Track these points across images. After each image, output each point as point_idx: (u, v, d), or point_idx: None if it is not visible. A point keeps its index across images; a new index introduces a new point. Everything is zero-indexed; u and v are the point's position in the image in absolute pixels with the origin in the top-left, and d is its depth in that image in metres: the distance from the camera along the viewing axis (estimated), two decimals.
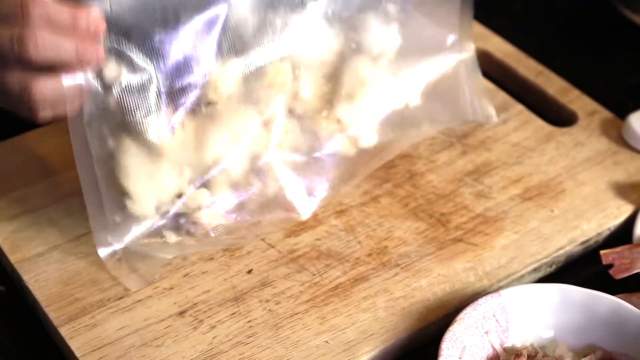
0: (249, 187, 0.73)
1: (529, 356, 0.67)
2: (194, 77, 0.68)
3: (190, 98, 0.68)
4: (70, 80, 0.64)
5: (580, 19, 1.03)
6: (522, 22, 1.03)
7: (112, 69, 0.66)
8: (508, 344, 0.69)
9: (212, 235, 0.73)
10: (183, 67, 0.68)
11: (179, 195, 0.71)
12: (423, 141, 0.85)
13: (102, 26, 0.63)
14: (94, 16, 0.63)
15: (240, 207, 0.73)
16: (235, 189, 0.73)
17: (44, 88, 0.63)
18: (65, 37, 0.62)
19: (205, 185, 0.72)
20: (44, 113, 0.64)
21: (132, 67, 0.66)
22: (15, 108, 0.65)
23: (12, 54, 0.61)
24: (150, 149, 0.69)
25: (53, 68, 0.63)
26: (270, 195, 0.74)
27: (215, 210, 0.73)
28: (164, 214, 0.72)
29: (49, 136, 0.84)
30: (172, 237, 0.73)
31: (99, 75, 0.65)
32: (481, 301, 0.68)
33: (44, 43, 0.61)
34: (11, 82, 0.63)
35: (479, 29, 0.97)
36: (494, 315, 0.68)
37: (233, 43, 0.69)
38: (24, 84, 0.62)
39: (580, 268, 0.77)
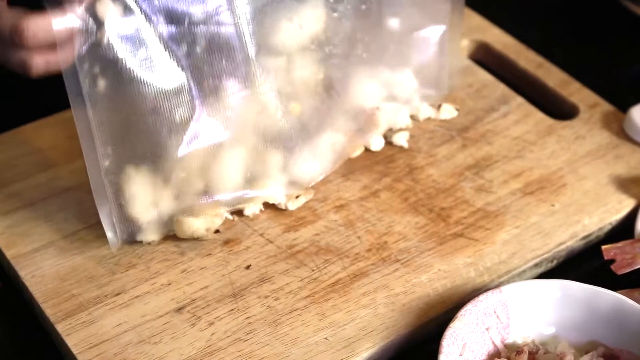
0: None
1: (530, 353, 0.67)
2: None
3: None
4: (62, 20, 0.62)
5: (581, 10, 1.02)
6: (523, 14, 1.02)
7: (104, 4, 0.64)
8: (509, 341, 0.68)
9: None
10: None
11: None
12: (422, 135, 0.85)
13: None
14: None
15: None
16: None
17: (36, 26, 0.61)
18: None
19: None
20: (37, 60, 0.62)
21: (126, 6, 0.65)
22: (7, 57, 0.63)
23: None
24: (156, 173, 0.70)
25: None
26: None
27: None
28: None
29: (45, 129, 0.83)
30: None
31: (91, 11, 0.64)
32: (482, 297, 0.68)
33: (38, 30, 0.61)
34: (1, 23, 0.61)
35: (478, 20, 0.96)
36: (495, 312, 0.68)
37: None
38: (14, 24, 0.61)
39: (582, 263, 0.76)
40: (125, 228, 0.72)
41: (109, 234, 0.71)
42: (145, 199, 0.71)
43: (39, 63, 0.63)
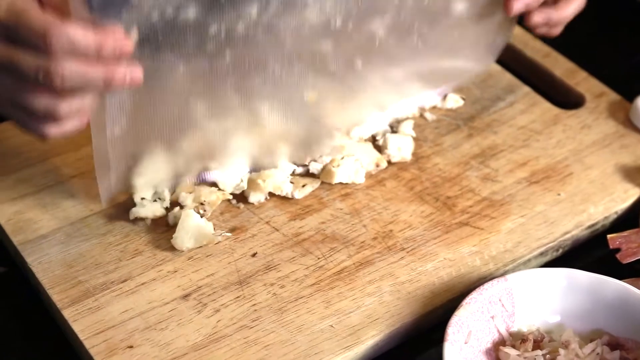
0: None
1: (535, 341, 0.67)
2: None
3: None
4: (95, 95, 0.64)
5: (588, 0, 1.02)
6: None
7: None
8: (514, 329, 0.68)
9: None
10: None
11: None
12: (428, 124, 0.85)
13: (129, 47, 0.61)
14: (119, 38, 0.61)
15: None
16: None
17: (70, 108, 0.62)
18: (92, 65, 0.60)
19: None
20: (59, 132, 0.64)
21: None
22: (30, 127, 0.64)
23: (38, 82, 0.60)
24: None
25: (80, 89, 0.62)
26: None
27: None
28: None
29: None
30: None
31: None
32: (487, 286, 0.68)
33: (70, 74, 0.60)
34: (36, 104, 0.62)
35: None
36: (500, 300, 0.68)
37: None
38: (50, 107, 0.62)
39: (587, 252, 0.76)
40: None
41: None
42: (151, 171, 0.71)
43: (58, 134, 0.64)
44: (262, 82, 0.71)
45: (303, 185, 0.78)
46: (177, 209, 0.75)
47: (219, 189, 0.76)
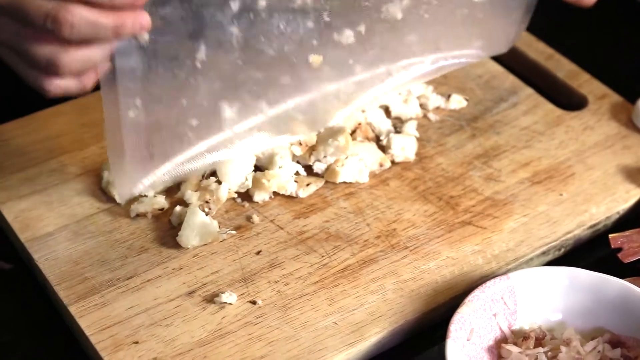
0: None
1: (536, 339, 0.67)
2: None
3: None
4: (100, 50, 0.61)
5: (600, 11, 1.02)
6: None
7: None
8: (516, 327, 0.69)
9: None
10: None
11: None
12: (432, 124, 0.85)
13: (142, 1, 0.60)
14: None
15: None
16: None
17: (73, 61, 0.60)
18: (103, 13, 0.59)
19: None
20: (59, 88, 0.61)
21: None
22: (30, 77, 0.62)
23: (45, 28, 0.58)
24: None
25: (86, 41, 0.60)
26: None
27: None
28: None
29: (59, 116, 0.84)
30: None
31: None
32: (490, 284, 0.69)
33: (80, 22, 0.58)
34: (39, 52, 0.59)
35: None
36: (502, 298, 0.69)
37: None
38: (52, 57, 0.59)
39: (589, 252, 0.77)
40: (131, 181, 0.69)
41: (123, 190, 0.70)
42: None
43: (59, 92, 0.61)
44: (271, 50, 0.70)
45: (307, 184, 0.78)
46: (180, 207, 0.76)
47: (218, 182, 0.77)
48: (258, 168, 0.79)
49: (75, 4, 0.58)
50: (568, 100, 0.89)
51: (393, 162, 0.81)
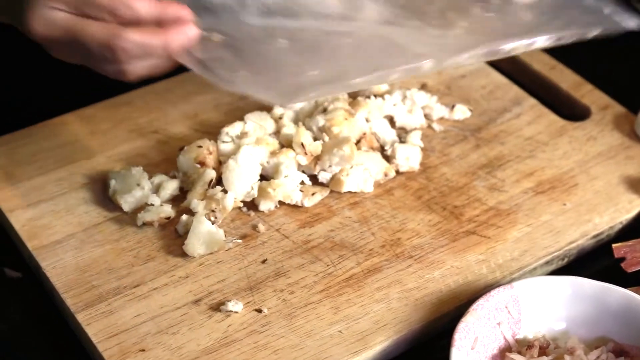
0: None
1: (540, 347, 0.68)
2: None
3: None
4: (160, 60, 0.68)
5: None
6: None
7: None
8: (520, 336, 0.69)
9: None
10: None
11: None
12: (436, 134, 0.86)
13: (189, 15, 0.67)
14: (179, 7, 0.66)
15: None
16: None
17: (138, 69, 0.67)
18: (152, 34, 0.65)
19: None
20: (132, 69, 0.67)
21: None
22: (100, 67, 0.68)
23: (103, 55, 0.66)
24: None
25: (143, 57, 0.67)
26: None
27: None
28: None
29: (67, 125, 0.85)
30: None
31: None
32: (494, 293, 0.69)
33: (132, 47, 0.65)
34: (107, 69, 0.67)
35: None
36: (506, 307, 0.69)
37: None
38: (119, 71, 0.67)
39: (592, 261, 0.77)
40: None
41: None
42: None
43: (136, 72, 0.68)
44: None
45: (312, 194, 0.79)
46: (186, 216, 0.76)
47: (224, 191, 0.77)
48: (264, 177, 0.80)
49: (125, 29, 0.65)
50: (571, 111, 0.89)
51: (398, 172, 0.82)
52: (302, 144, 0.80)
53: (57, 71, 0.93)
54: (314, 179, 0.81)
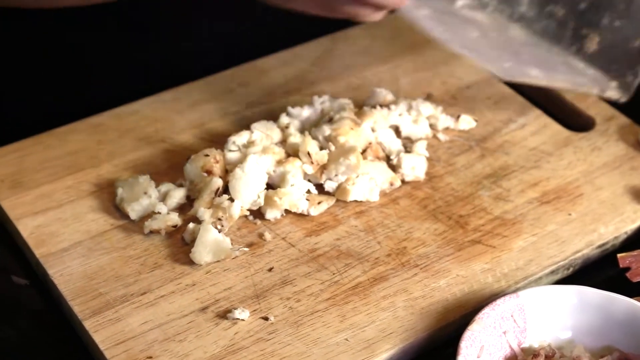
0: None
1: (546, 356, 0.68)
2: None
3: None
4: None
5: None
6: None
7: None
8: (526, 345, 0.70)
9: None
10: None
11: None
12: (442, 144, 0.86)
13: None
14: None
15: None
16: None
17: (370, 15, 0.74)
18: None
19: None
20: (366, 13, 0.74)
21: None
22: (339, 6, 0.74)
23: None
24: None
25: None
26: None
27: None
28: None
29: (75, 133, 0.86)
30: None
31: None
32: (500, 301, 0.69)
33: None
34: (342, 11, 0.74)
35: None
36: (512, 316, 0.69)
37: None
38: (354, 13, 0.74)
39: (598, 271, 0.78)
40: None
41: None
42: None
43: (366, 16, 0.75)
44: None
45: (319, 203, 0.79)
46: (193, 224, 0.76)
47: (230, 200, 0.78)
48: (270, 186, 0.80)
49: None
50: (576, 121, 0.90)
51: (403, 181, 0.82)
52: (309, 153, 0.80)
53: (65, 80, 0.94)
54: (320, 188, 0.81)
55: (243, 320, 0.71)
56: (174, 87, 0.91)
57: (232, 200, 0.78)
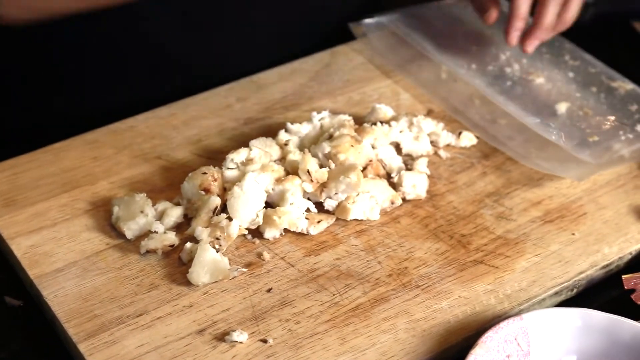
0: None
1: None
2: None
3: None
4: None
5: (600, 38, 1.03)
6: None
7: None
8: None
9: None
10: None
11: None
12: (443, 162, 0.85)
13: None
14: None
15: None
16: None
17: None
18: None
19: None
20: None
21: None
22: None
23: None
24: None
25: None
26: None
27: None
28: None
29: (70, 150, 0.84)
30: None
31: None
32: (503, 324, 0.68)
33: None
34: None
35: None
36: (515, 339, 0.68)
37: None
38: None
39: (602, 292, 0.76)
40: None
41: None
42: None
43: None
44: None
45: (318, 222, 0.78)
46: (190, 244, 0.75)
47: (229, 219, 0.77)
48: (269, 204, 0.79)
49: None
50: None
51: (404, 200, 0.81)
52: (308, 171, 0.79)
53: (60, 95, 0.93)
54: (319, 206, 0.80)
55: (241, 342, 0.69)
56: (170, 103, 0.90)
57: (230, 219, 0.77)
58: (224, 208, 0.78)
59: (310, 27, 1.00)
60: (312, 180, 0.79)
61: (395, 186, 0.81)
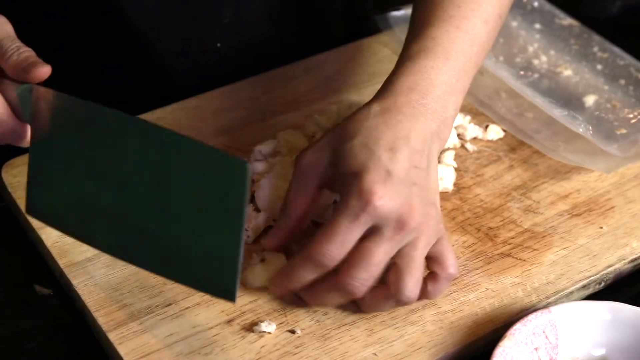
0: None
1: None
2: None
3: None
4: None
5: (628, 30, 1.02)
6: None
7: None
8: None
9: None
10: None
11: None
12: (470, 155, 0.85)
13: None
14: None
15: None
16: None
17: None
18: None
19: None
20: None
21: None
22: None
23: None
24: None
25: None
26: None
27: None
28: None
29: None
30: None
31: None
32: (531, 317, 0.68)
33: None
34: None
35: None
36: (544, 332, 0.68)
37: None
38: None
39: (630, 286, 0.76)
40: None
41: None
42: None
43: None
44: None
45: None
46: None
47: (256, 210, 0.77)
48: None
49: None
50: None
51: None
52: None
53: (89, 90, 0.93)
54: None
55: (269, 333, 0.70)
56: (196, 95, 0.90)
57: (258, 210, 0.77)
58: (251, 199, 0.78)
59: (334, 19, 1.00)
60: None
61: None
